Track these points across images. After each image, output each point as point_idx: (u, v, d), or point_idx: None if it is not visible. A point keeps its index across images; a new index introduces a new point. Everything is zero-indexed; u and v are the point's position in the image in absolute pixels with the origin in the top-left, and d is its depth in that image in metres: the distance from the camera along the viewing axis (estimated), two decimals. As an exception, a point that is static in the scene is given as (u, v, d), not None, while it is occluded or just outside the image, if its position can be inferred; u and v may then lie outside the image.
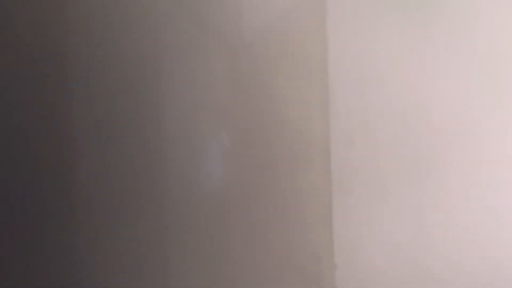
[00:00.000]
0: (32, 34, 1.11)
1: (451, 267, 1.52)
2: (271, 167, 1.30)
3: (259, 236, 1.28)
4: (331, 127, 1.52)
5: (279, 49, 1.31)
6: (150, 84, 1.16)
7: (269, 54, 1.29)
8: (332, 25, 1.51)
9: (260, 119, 1.28)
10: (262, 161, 1.29)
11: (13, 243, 1.11)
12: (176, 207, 1.18)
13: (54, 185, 1.11)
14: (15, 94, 1.11)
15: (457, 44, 1.52)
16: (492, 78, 1.52)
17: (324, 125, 1.50)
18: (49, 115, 1.11)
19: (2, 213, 1.10)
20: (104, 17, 1.13)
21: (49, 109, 1.11)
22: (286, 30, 1.33)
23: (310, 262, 1.39)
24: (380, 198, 1.54)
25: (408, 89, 1.52)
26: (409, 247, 1.53)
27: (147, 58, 1.15)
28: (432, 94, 1.52)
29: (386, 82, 1.53)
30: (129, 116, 1.14)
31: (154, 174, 1.16)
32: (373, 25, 1.53)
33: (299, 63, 1.38)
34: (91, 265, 1.12)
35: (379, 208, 1.54)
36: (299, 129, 1.38)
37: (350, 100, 1.54)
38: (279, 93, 1.32)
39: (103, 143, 1.13)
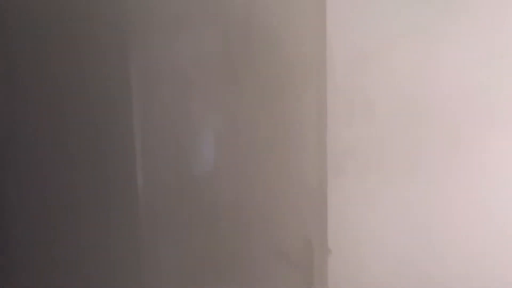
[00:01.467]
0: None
1: (449, 260, 1.50)
2: (263, 148, 1.27)
3: (249, 221, 1.25)
4: (329, 105, 1.48)
5: (274, 24, 1.26)
6: (136, 59, 1.11)
7: (263, 31, 1.24)
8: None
9: (252, 99, 1.24)
10: (254, 142, 1.25)
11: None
12: (167, 191, 1.16)
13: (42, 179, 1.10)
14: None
15: (465, 30, 1.45)
16: (499, 69, 1.45)
17: (321, 102, 1.46)
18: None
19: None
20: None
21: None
22: (282, 3, 1.28)
23: (300, 248, 1.36)
24: (377, 181, 1.51)
25: (412, 68, 1.47)
26: (406, 234, 1.51)
27: (133, 32, 1.10)
28: (437, 75, 1.47)
29: (390, 60, 1.48)
30: (108, 96, 1.10)
31: (138, 159, 1.12)
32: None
33: (296, 39, 1.33)
34: (73, 261, 1.12)
35: (376, 191, 1.51)
36: (293, 108, 1.34)
37: (350, 77, 1.49)
38: (274, 70, 1.27)
39: (81, 128, 1.10)
